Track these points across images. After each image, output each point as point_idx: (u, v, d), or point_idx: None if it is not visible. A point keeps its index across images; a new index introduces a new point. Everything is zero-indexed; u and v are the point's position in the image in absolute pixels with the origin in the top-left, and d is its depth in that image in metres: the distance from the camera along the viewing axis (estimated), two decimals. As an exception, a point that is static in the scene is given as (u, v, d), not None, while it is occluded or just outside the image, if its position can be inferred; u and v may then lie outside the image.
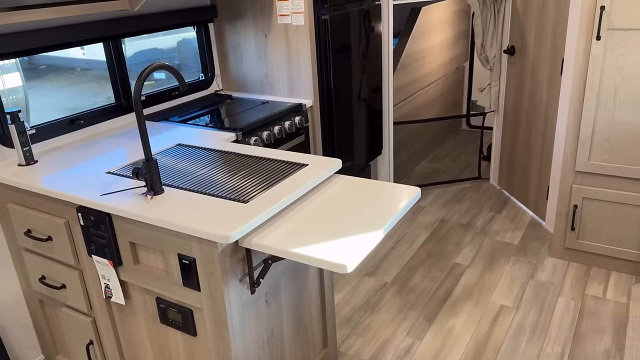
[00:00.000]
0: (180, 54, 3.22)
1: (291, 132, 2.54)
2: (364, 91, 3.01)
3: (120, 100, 2.44)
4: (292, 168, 1.77)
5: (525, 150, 3.26)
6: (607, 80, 2.38)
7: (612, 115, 2.41)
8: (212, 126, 2.35)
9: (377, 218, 1.49)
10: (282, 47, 2.67)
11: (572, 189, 2.62)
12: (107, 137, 2.24)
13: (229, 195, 1.57)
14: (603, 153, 2.49)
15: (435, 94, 4.31)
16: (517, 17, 3.15)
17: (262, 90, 2.86)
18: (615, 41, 2.31)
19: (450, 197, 3.64)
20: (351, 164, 3.03)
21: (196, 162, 1.87)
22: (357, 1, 2.76)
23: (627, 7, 2.23)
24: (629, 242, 2.58)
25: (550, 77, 2.89)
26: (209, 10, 2.77)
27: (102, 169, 1.85)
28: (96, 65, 2.75)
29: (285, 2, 2.55)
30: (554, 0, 2.77)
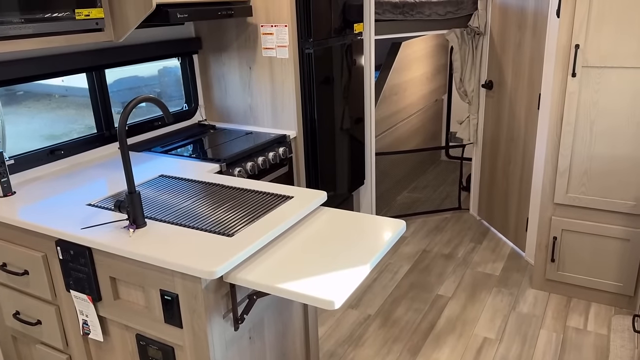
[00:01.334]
0: (162, 82, 3.22)
1: (275, 163, 2.54)
2: (347, 122, 3.04)
3: (102, 130, 2.42)
4: (277, 200, 1.77)
5: (504, 182, 3.32)
6: (583, 114, 2.45)
7: (588, 148, 2.48)
8: (196, 157, 2.34)
9: (363, 252, 1.49)
10: (267, 79, 2.70)
11: (551, 220, 2.66)
12: (89, 167, 2.21)
13: (214, 228, 1.55)
14: (581, 185, 2.54)
15: (416, 125, 4.38)
16: (495, 53, 3.25)
17: (246, 121, 2.87)
18: (590, 78, 2.39)
19: (432, 227, 3.66)
20: (334, 193, 3.04)
21: (179, 194, 1.85)
22: (340, 36, 2.82)
23: (600, 45, 2.33)
24: (608, 273, 2.62)
25: (527, 111, 2.97)
26: (193, 42, 2.79)
27: (82, 200, 1.81)
28: (75, 92, 2.72)
29: (270, 36, 2.58)
30: (530, 38, 2.87)
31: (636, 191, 2.43)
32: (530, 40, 2.88)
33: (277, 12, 2.52)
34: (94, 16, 1.99)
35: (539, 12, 2.76)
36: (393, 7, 3.09)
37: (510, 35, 3.07)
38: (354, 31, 2.94)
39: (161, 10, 2.06)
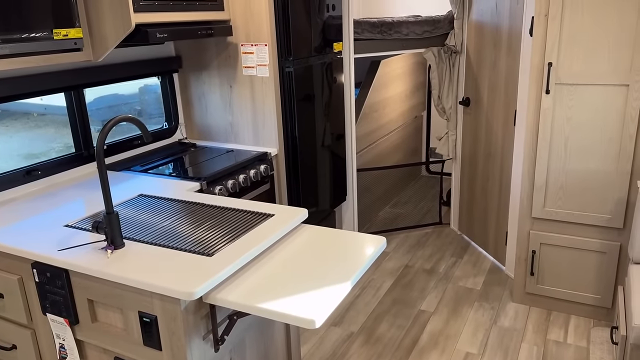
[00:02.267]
0: (142, 100, 3.20)
1: (256, 180, 2.54)
2: (328, 139, 3.06)
3: (81, 149, 2.40)
4: (258, 218, 1.77)
5: (483, 197, 3.37)
6: (557, 130, 2.51)
7: (564, 163, 2.54)
8: (176, 175, 2.33)
9: (344, 269, 1.49)
10: (248, 97, 2.71)
11: (529, 234, 2.70)
12: (66, 187, 2.18)
13: (193, 248, 1.54)
14: (557, 200, 2.59)
15: (396, 141, 4.43)
16: (471, 71, 3.32)
17: (227, 139, 2.87)
18: (564, 95, 2.46)
19: (414, 242, 3.68)
20: (316, 210, 3.04)
21: (159, 213, 1.84)
22: (320, 54, 2.85)
23: (572, 64, 2.40)
24: (586, 286, 2.66)
25: (504, 127, 3.03)
26: (174, 61, 2.79)
27: (60, 221, 1.79)
28: (54, 110, 2.70)
29: (251, 55, 2.60)
30: (505, 56, 2.94)
31: (611, 205, 2.49)
32: (505, 58, 2.95)
33: (257, 31, 2.55)
34: (73, 36, 1.98)
35: (513, 31, 2.84)
36: (371, 26, 3.14)
37: (485, 54, 3.14)
38: (333, 50, 2.98)
39: (140, 30, 2.06)
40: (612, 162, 2.44)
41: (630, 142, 2.38)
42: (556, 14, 2.36)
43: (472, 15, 3.23)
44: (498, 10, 2.96)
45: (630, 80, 2.31)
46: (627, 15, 2.24)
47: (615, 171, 2.44)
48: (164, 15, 2.17)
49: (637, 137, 2.37)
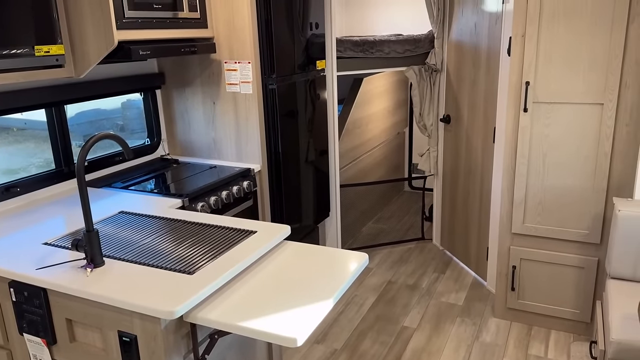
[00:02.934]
0: (125, 115, 3.19)
1: (239, 196, 2.54)
2: (312, 155, 3.08)
3: (61, 166, 2.37)
4: (240, 235, 1.76)
5: (464, 213, 3.41)
6: (535, 147, 2.57)
7: (542, 180, 2.59)
8: (157, 192, 2.32)
9: (326, 286, 1.49)
10: (231, 114, 2.72)
11: (509, 250, 2.74)
12: (46, 204, 2.15)
13: (174, 266, 1.54)
14: (536, 215, 2.64)
15: (379, 157, 4.47)
16: (452, 89, 3.39)
17: (210, 155, 2.86)
18: (541, 113, 2.52)
19: (397, 258, 3.70)
20: (299, 225, 3.04)
21: (140, 230, 1.83)
22: (304, 72, 2.88)
23: (549, 83, 2.46)
24: (565, 301, 2.70)
25: (483, 144, 3.09)
26: (156, 78, 2.80)
27: (39, 239, 1.76)
28: (34, 125, 2.67)
29: (234, 72, 2.62)
30: (484, 74, 3.01)
31: (588, 221, 2.54)
32: (484, 77, 3.01)
33: (240, 49, 2.57)
34: (54, 52, 1.98)
35: (491, 50, 2.91)
36: (354, 45, 3.19)
37: (465, 72, 3.21)
38: (316, 67, 3.01)
39: (123, 47, 2.07)
40: (588, 179, 2.50)
41: (605, 160, 2.44)
42: (533, 35, 2.42)
43: (452, 34, 3.30)
44: (477, 31, 3.03)
45: (604, 99, 2.38)
46: (600, 38, 2.32)
47: (592, 188, 2.49)
48: (147, 33, 2.17)
49: (612, 154, 2.43)
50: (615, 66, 2.32)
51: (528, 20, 2.42)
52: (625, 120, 2.37)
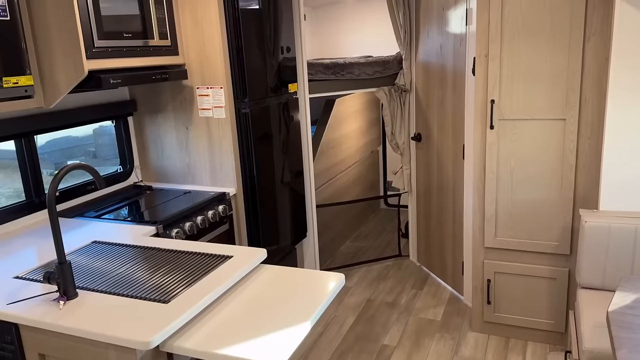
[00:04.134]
0: (97, 141, 3.16)
1: (215, 221, 2.54)
2: (287, 176, 3.10)
3: (32, 197, 2.34)
4: (216, 261, 1.76)
5: (439, 228, 3.46)
6: (503, 163, 2.64)
7: (511, 194, 2.66)
8: (131, 220, 2.30)
9: (303, 309, 1.50)
10: (204, 139, 2.73)
11: (483, 264, 2.79)
12: (17, 237, 2.12)
13: (149, 295, 1.52)
14: (508, 229, 2.70)
15: (354, 176, 4.51)
16: (421, 108, 3.47)
17: (184, 180, 2.86)
18: (507, 129, 2.60)
19: (375, 275, 3.72)
20: (277, 247, 3.04)
21: (113, 260, 1.81)
22: (276, 95, 2.92)
23: (513, 100, 2.55)
24: (540, 312, 2.75)
25: (454, 160, 3.16)
26: (128, 105, 2.79)
27: (9, 273, 1.73)
28: (2, 154, 2.63)
29: (207, 97, 2.64)
30: (451, 93, 3.09)
31: (557, 232, 2.61)
32: (451, 96, 3.10)
33: (212, 74, 2.59)
34: (23, 83, 1.97)
35: (457, 70, 3.00)
36: (325, 68, 3.25)
37: (433, 92, 3.29)
38: (289, 90, 3.05)
39: (94, 76, 2.07)
40: (555, 192, 2.58)
41: (570, 172, 2.52)
42: (495, 55, 2.52)
43: (419, 56, 3.40)
44: (442, 52, 3.13)
45: (566, 114, 2.47)
46: (559, 57, 2.42)
47: (559, 200, 2.57)
48: (118, 61, 2.18)
49: (577, 167, 2.52)
50: (575, 83, 2.42)
51: (490, 41, 2.51)
52: (587, 134, 2.47)
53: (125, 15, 2.20)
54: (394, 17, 3.29)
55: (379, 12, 4.42)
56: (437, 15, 3.14)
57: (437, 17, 3.14)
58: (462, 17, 2.85)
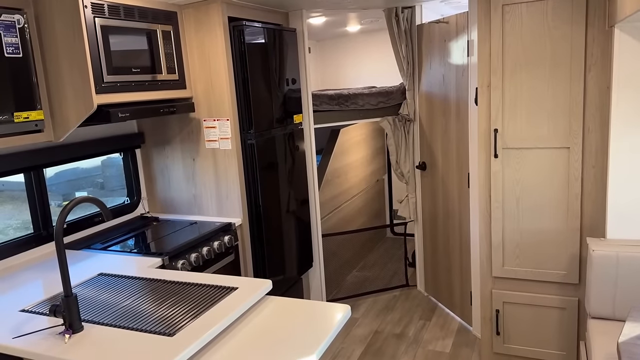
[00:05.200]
0: (105, 172, 3.20)
1: (220, 252, 2.54)
2: (292, 205, 3.11)
3: (40, 229, 2.36)
4: (221, 293, 1.76)
5: (446, 258, 3.44)
6: (508, 192, 2.64)
7: (517, 223, 2.65)
8: (137, 252, 2.31)
9: (309, 342, 1.49)
10: (211, 170, 2.76)
11: (492, 294, 2.76)
12: (23, 269, 2.13)
13: (155, 328, 1.52)
14: (515, 258, 2.68)
15: (359, 205, 4.52)
16: (425, 137, 3.49)
17: (190, 211, 2.87)
18: (511, 158, 2.61)
19: (382, 306, 3.68)
20: (282, 278, 3.03)
21: (119, 292, 1.81)
22: (282, 126, 2.96)
23: (516, 130, 2.57)
24: (551, 343, 2.70)
25: (459, 189, 3.16)
26: (136, 137, 2.84)
27: (15, 306, 1.73)
28: (11, 186, 2.66)
29: (213, 129, 2.68)
30: (455, 123, 3.12)
31: (565, 261, 2.59)
32: (455, 125, 3.13)
33: (219, 107, 2.64)
34: (34, 118, 2.01)
35: (460, 100, 3.03)
36: (329, 99, 3.30)
37: (437, 121, 3.32)
38: (294, 121, 3.09)
39: (102, 110, 2.11)
40: (562, 220, 2.56)
41: (576, 201, 2.52)
42: (497, 85, 2.55)
43: (422, 86, 3.44)
44: (445, 82, 3.17)
45: (570, 143, 2.48)
46: (561, 86, 2.45)
47: (566, 228, 2.56)
48: (126, 96, 2.23)
49: (582, 196, 2.51)
50: (577, 112, 2.44)
51: (492, 71, 2.55)
52: (592, 162, 2.47)
53: (134, 51, 2.26)
54: (397, 49, 3.35)
55: (382, 44, 4.50)
56: (438, 47, 3.20)
57: (439, 49, 3.20)
58: (464, 48, 2.90)
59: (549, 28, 2.42)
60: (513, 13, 2.46)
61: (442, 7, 3.46)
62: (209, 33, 2.55)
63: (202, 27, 2.56)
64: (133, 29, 2.25)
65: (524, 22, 2.45)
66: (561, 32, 2.40)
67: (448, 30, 3.05)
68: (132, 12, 2.25)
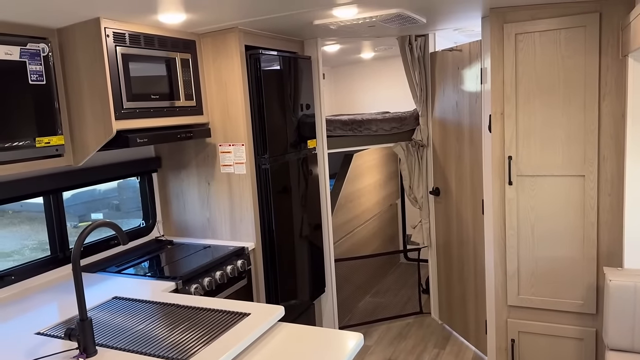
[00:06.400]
0: (121, 195, 3.24)
1: (233, 276, 2.55)
2: (305, 230, 3.12)
3: (57, 252, 2.39)
4: (233, 318, 1.76)
5: (460, 285, 3.40)
6: (523, 219, 2.62)
7: (532, 251, 2.62)
8: (151, 275, 2.33)
9: (320, 371, 1.48)
10: (225, 194, 2.78)
11: (507, 323, 2.72)
12: (40, 291, 2.15)
13: (168, 353, 1.52)
14: (530, 287, 2.65)
15: (373, 230, 4.50)
16: (439, 163, 3.50)
17: (204, 235, 2.90)
18: (525, 185, 2.60)
19: (395, 333, 3.63)
20: (295, 302, 3.02)
21: (133, 316, 1.82)
22: (296, 151, 2.99)
23: (530, 157, 2.56)
24: (567, 374, 2.64)
25: (473, 215, 3.15)
26: (153, 162, 2.89)
27: (31, 329, 1.75)
28: (29, 207, 2.71)
29: (228, 154, 2.72)
30: (468, 149, 3.12)
31: (582, 290, 2.54)
32: (468, 151, 3.13)
33: (234, 132, 2.68)
34: (54, 143, 2.07)
35: (473, 126, 3.04)
36: (343, 124, 3.33)
37: (450, 147, 3.33)
38: (308, 146, 3.12)
39: (121, 135, 2.16)
40: (578, 249, 2.53)
41: (592, 229, 2.49)
42: (511, 113, 2.56)
43: (435, 112, 3.46)
44: (459, 108, 3.19)
45: (585, 171, 2.47)
46: (575, 114, 2.45)
47: (582, 257, 2.53)
48: (145, 122, 2.28)
49: (599, 224, 2.48)
50: (592, 140, 2.44)
51: (505, 100, 2.56)
52: (608, 190, 2.45)
53: (153, 78, 2.31)
54: (410, 76, 3.39)
55: (396, 70, 4.55)
56: (452, 74, 3.23)
57: (452, 76, 3.23)
58: (477, 76, 2.92)
59: (562, 57, 2.43)
60: (526, 42, 2.49)
61: (456, 35, 3.50)
62: (226, 61, 2.61)
63: (220, 55, 2.62)
64: (153, 57, 2.31)
65: (537, 50, 2.47)
66: (574, 61, 2.41)
67: (461, 58, 3.08)
68: (152, 41, 2.32)
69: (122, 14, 2.07)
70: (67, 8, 1.87)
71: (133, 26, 2.22)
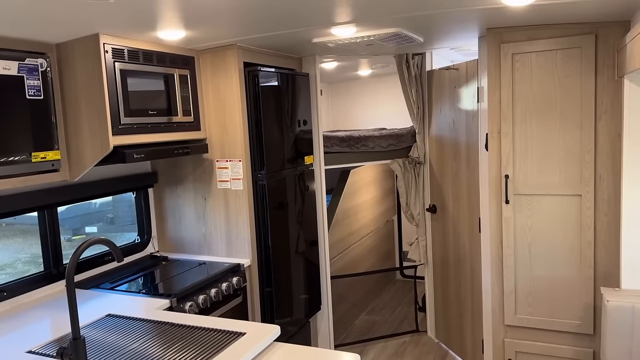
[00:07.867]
0: (115, 208, 3.22)
1: (228, 294, 2.52)
2: (301, 246, 3.10)
3: (50, 268, 2.36)
4: (228, 338, 1.74)
5: (457, 303, 3.38)
6: (520, 238, 2.62)
7: (529, 270, 2.61)
8: (146, 292, 2.30)
9: (316, 393, 1.46)
10: (221, 210, 2.77)
11: (504, 343, 2.69)
12: (32, 308, 2.12)
13: (161, 374, 1.50)
14: (527, 306, 2.63)
15: (369, 246, 4.49)
16: (435, 180, 3.50)
17: (200, 251, 2.87)
18: (522, 204, 2.60)
19: (391, 352, 3.60)
20: (290, 320, 2.99)
21: (127, 335, 1.79)
22: (293, 167, 2.99)
23: (527, 176, 2.57)
24: (565, 395, 2.61)
25: (470, 233, 3.14)
26: (149, 177, 2.87)
27: (23, 347, 1.72)
28: (22, 219, 2.69)
29: (225, 170, 2.71)
30: (465, 167, 3.13)
31: (579, 310, 2.53)
32: (465, 169, 3.13)
33: (232, 148, 2.67)
34: (51, 158, 2.06)
35: (470, 145, 3.05)
36: (340, 141, 3.33)
37: (447, 165, 3.34)
38: (305, 162, 3.12)
39: (118, 151, 2.15)
40: (575, 268, 2.53)
41: (589, 249, 2.49)
42: (508, 132, 2.57)
43: (432, 130, 3.47)
44: (455, 126, 3.20)
45: (581, 190, 2.47)
46: (571, 134, 2.46)
47: (579, 277, 2.52)
48: (142, 137, 2.27)
49: (596, 244, 2.48)
50: (589, 159, 2.45)
51: (502, 119, 2.57)
52: (604, 210, 2.46)
53: (151, 94, 2.31)
54: (407, 93, 3.40)
55: (393, 87, 4.57)
56: (449, 92, 3.24)
57: (449, 94, 3.25)
58: (474, 94, 2.94)
59: (559, 77, 2.45)
60: (523, 62, 2.51)
61: (452, 54, 3.53)
62: (224, 77, 2.62)
63: (219, 71, 2.63)
64: (151, 73, 2.31)
65: (533, 70, 2.49)
66: (571, 81, 2.43)
67: (458, 76, 3.10)
68: (151, 57, 2.32)
69: (121, 30, 2.08)
70: (66, 24, 1.88)
71: (132, 42, 2.22)
